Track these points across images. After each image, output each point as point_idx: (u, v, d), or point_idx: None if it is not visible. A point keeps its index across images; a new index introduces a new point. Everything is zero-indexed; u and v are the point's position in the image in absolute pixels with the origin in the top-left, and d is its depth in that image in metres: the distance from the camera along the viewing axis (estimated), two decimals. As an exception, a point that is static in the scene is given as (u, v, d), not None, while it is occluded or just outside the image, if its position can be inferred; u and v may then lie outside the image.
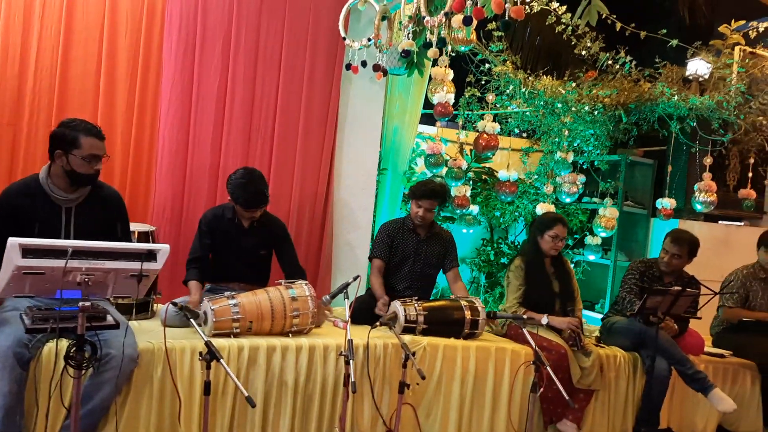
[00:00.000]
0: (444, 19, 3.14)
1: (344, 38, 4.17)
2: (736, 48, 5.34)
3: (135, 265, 2.36)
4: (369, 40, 4.26)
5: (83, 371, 2.37)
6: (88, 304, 2.31)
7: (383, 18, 4.03)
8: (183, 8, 4.35)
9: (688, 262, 4.35)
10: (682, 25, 7.78)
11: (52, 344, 2.74)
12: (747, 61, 5.38)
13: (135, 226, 3.60)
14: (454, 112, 5.12)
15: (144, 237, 3.68)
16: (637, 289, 4.31)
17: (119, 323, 2.69)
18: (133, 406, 2.94)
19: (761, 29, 5.44)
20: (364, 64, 4.36)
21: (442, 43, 3.45)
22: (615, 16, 4.42)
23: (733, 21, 5.32)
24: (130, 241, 3.31)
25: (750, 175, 5.77)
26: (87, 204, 3.03)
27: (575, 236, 6.59)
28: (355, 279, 3.40)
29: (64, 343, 2.63)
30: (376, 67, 4.32)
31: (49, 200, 2.94)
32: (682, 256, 4.29)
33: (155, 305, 3.76)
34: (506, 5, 2.77)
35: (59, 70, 4.03)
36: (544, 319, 3.88)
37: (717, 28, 5.53)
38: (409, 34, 3.84)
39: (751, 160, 5.79)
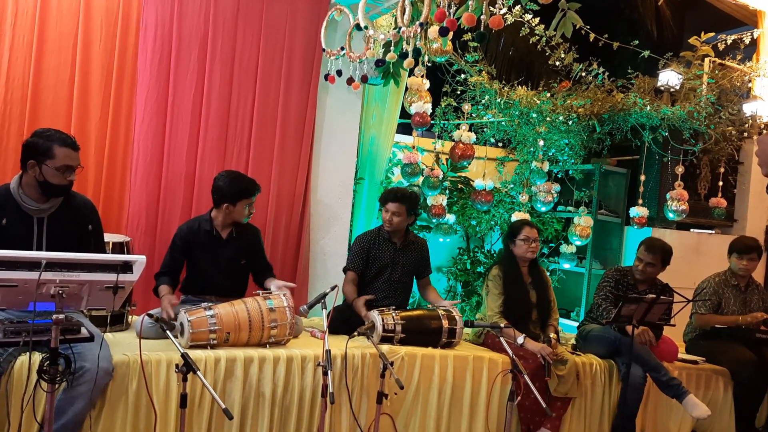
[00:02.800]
0: (419, 30, 3.16)
1: (324, 50, 4.18)
2: (706, 60, 5.44)
3: (110, 277, 2.33)
4: (341, 48, 4.28)
5: (57, 385, 2.33)
6: (62, 316, 2.27)
7: (359, 28, 4.04)
8: (158, 16, 4.32)
9: (662, 270, 4.41)
10: (650, 38, 7.93)
11: (24, 358, 2.69)
12: (716, 72, 5.50)
13: (109, 237, 3.55)
14: (431, 122, 5.15)
15: (119, 248, 3.64)
16: (612, 296, 4.36)
17: (94, 336, 2.65)
18: (108, 420, 2.89)
19: (729, 41, 5.57)
20: (339, 73, 4.37)
21: (417, 53, 3.47)
22: (589, 27, 4.49)
23: (702, 33, 5.43)
24: (104, 251, 3.27)
25: (720, 183, 5.89)
26: (60, 214, 2.98)
27: (550, 245, 6.64)
28: (332, 289, 3.40)
29: (36, 357, 2.58)
30: (350, 80, 4.35)
31: (21, 211, 2.89)
32: (656, 264, 4.35)
33: (130, 317, 3.71)
34: (482, 17, 2.80)
35: (31, 79, 3.97)
36: (520, 339, 3.89)
37: (684, 42, 5.64)
38: (390, 44, 3.87)
39: (722, 170, 5.91)
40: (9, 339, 2.54)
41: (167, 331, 2.81)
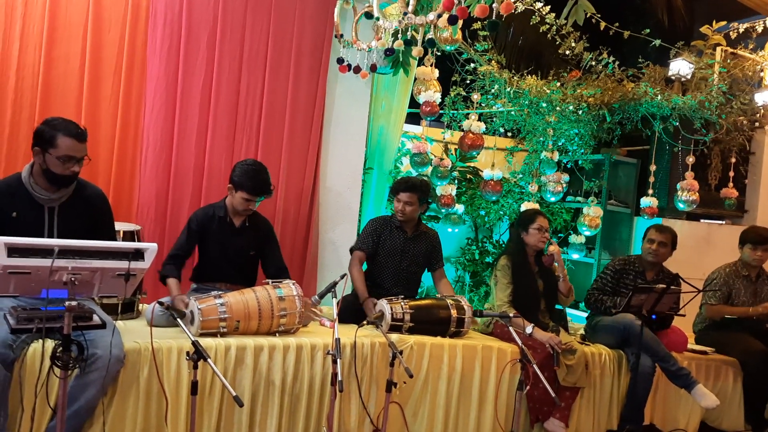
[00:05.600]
0: (436, 19, 3.14)
1: (341, 35, 4.15)
2: (718, 48, 5.40)
3: (122, 264, 2.34)
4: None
5: (69, 372, 2.35)
6: (74, 303, 2.28)
7: (368, 16, 4.02)
8: (167, 4, 4.31)
9: (671, 253, 4.42)
10: (661, 27, 7.87)
11: (36, 345, 2.71)
12: (728, 61, 5.46)
13: (120, 226, 3.57)
14: (440, 111, 5.13)
15: (129, 236, 3.65)
16: (610, 288, 4.38)
17: (106, 323, 2.66)
18: (120, 406, 2.91)
19: (741, 30, 5.52)
20: (340, 61, 4.33)
21: (431, 43, 3.45)
22: (600, 16, 4.46)
23: (714, 22, 5.38)
24: (114, 240, 3.28)
25: (731, 174, 5.87)
26: (70, 204, 2.99)
27: (559, 235, 6.63)
28: (342, 277, 3.40)
29: (49, 344, 2.60)
30: (357, 69, 4.32)
31: (32, 200, 2.90)
32: (667, 244, 4.37)
33: (140, 305, 3.73)
34: (494, 5, 2.78)
35: (42, 68, 3.98)
36: (529, 329, 3.88)
37: (695, 30, 5.60)
38: (398, 32, 3.84)
39: (733, 160, 5.88)
40: (22, 326, 2.57)
41: (178, 319, 2.82)
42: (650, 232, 4.45)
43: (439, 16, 3.11)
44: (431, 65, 4.92)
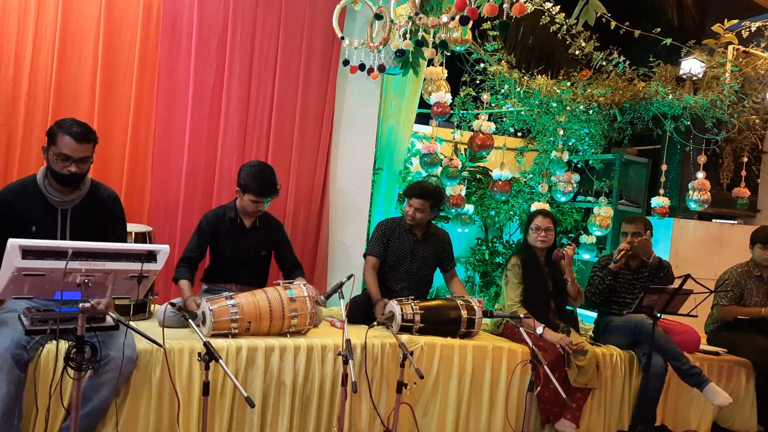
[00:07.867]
0: (449, 21, 3.14)
1: (342, 38, 4.15)
2: (730, 47, 5.37)
3: (135, 266, 2.35)
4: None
5: (83, 372, 2.37)
6: (88, 305, 2.30)
7: (378, 17, 4.03)
8: (179, 6, 4.34)
9: (649, 240, 4.43)
10: (672, 26, 7.84)
11: (50, 346, 2.73)
12: (740, 60, 5.42)
13: (132, 227, 3.58)
14: (450, 112, 5.13)
15: (141, 237, 3.67)
16: (597, 280, 4.37)
17: (118, 324, 2.68)
18: (132, 407, 2.93)
19: (753, 28, 5.48)
20: (345, 62, 4.33)
21: (443, 45, 3.45)
22: (610, 15, 4.45)
23: (726, 20, 5.35)
24: (126, 242, 3.29)
25: (743, 173, 5.83)
26: (84, 206, 3.01)
27: (570, 235, 6.61)
28: (349, 278, 3.40)
29: (63, 345, 2.62)
30: (370, 71, 4.33)
31: (46, 201, 2.92)
32: (641, 233, 4.38)
33: (152, 306, 3.75)
34: (504, 5, 2.78)
35: (54, 71, 4.00)
36: (539, 329, 3.87)
37: (707, 29, 5.57)
38: (406, 33, 3.85)
39: (745, 159, 5.84)
40: (36, 327, 2.59)
41: (189, 320, 2.84)
42: (622, 225, 4.51)
43: (452, 18, 3.11)
44: (441, 65, 4.92)
